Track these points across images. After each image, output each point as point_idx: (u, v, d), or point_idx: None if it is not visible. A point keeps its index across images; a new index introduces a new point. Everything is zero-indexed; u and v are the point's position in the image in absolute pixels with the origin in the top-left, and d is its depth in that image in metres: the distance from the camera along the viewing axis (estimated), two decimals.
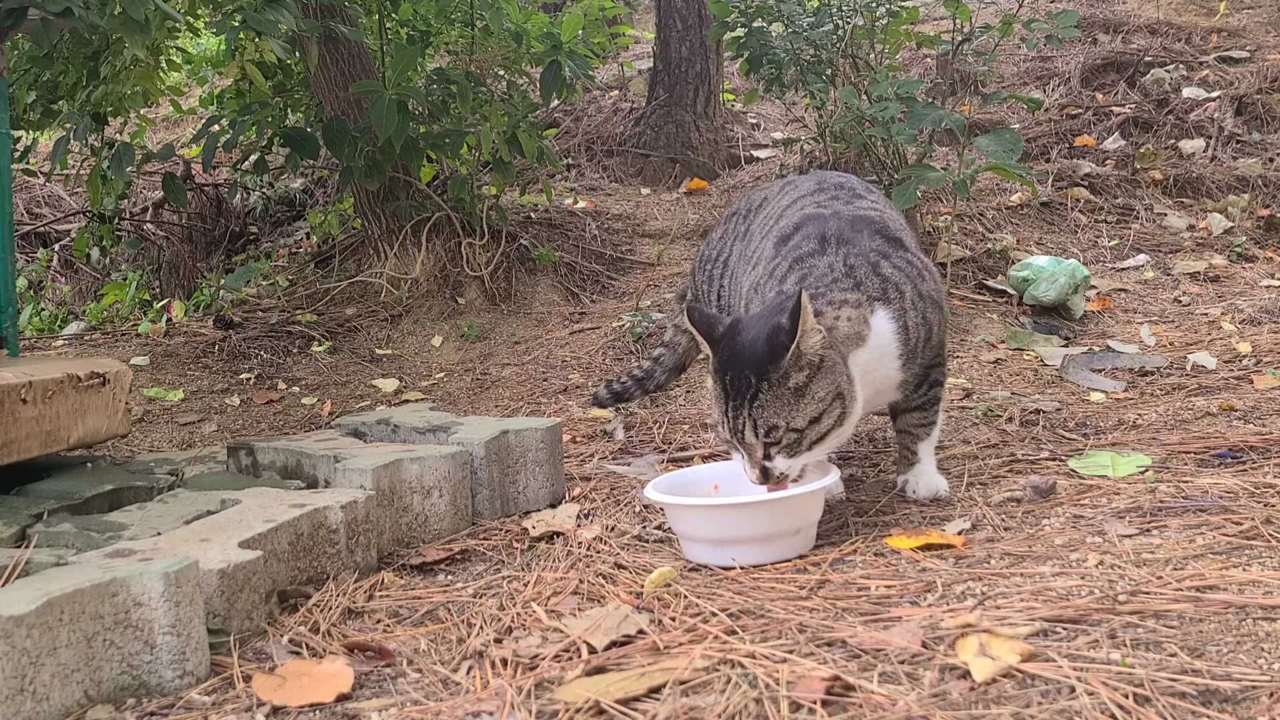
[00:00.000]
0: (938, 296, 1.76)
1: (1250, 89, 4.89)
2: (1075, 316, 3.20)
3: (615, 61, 6.08)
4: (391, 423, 2.09)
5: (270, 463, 1.97)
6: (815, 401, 1.54)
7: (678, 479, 1.76)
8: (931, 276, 1.77)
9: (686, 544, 1.62)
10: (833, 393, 1.56)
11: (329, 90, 3.42)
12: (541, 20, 3.53)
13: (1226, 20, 5.93)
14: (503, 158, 3.48)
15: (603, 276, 3.67)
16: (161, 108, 4.66)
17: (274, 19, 2.54)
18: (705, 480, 1.78)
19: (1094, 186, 4.18)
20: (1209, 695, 1.00)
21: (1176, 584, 1.28)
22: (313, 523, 1.56)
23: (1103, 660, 1.08)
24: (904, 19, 3.49)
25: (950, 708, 1.01)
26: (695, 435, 2.38)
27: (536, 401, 2.80)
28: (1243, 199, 4.09)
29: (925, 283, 1.73)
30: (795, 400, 1.54)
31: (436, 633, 1.40)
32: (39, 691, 1.15)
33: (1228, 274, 3.54)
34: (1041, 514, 1.65)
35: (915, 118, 3.03)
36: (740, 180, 4.54)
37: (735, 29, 3.60)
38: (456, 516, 1.85)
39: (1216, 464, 1.84)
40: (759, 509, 1.56)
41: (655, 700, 1.10)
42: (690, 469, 1.86)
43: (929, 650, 1.14)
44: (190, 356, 3.23)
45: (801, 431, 1.55)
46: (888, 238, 1.75)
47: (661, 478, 1.74)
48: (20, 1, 1.98)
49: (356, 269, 3.75)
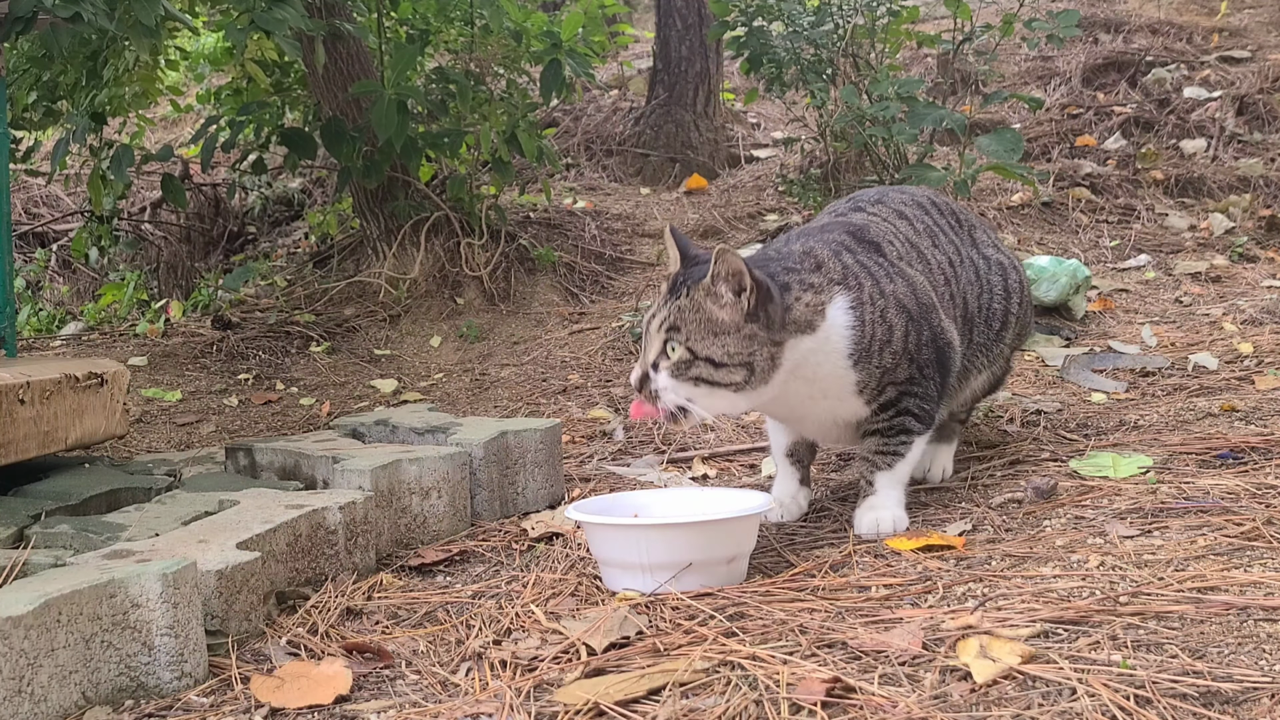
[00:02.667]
0: (910, 305, 1.66)
1: (1251, 89, 4.89)
2: (1076, 317, 3.20)
3: (615, 61, 6.08)
4: (390, 423, 2.09)
5: (269, 463, 1.96)
6: (723, 348, 1.54)
7: (600, 504, 1.66)
8: (911, 286, 1.68)
9: (606, 570, 1.53)
10: (743, 357, 1.54)
11: (327, 90, 3.41)
12: (541, 19, 3.53)
13: (1228, 20, 5.93)
14: (502, 157, 3.47)
15: (602, 276, 3.66)
16: (160, 107, 4.66)
17: (281, 17, 2.53)
18: (626, 507, 1.66)
19: (1095, 186, 4.17)
20: (1210, 697, 0.99)
21: (1178, 585, 1.27)
22: (311, 524, 1.55)
23: (1104, 661, 1.08)
24: (904, 18, 3.49)
25: (951, 709, 1.01)
26: (695, 436, 2.38)
27: (535, 402, 2.80)
28: (1244, 199, 4.08)
29: (894, 284, 1.66)
30: (708, 329, 1.54)
31: (435, 634, 1.39)
32: (37, 693, 1.15)
33: (1229, 274, 3.54)
34: (1042, 515, 1.64)
35: (916, 117, 3.02)
36: (740, 180, 4.54)
37: (735, 28, 3.59)
38: (455, 517, 1.84)
39: (1218, 465, 1.84)
40: (686, 531, 1.47)
41: (655, 702, 1.09)
42: (613, 495, 1.76)
43: (930, 652, 1.14)
44: (188, 357, 3.23)
45: (695, 359, 1.54)
46: (861, 240, 1.72)
47: (584, 501, 1.66)
48: (32, 7, 1.98)
49: (355, 269, 3.75)
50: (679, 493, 1.72)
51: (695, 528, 1.48)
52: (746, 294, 1.54)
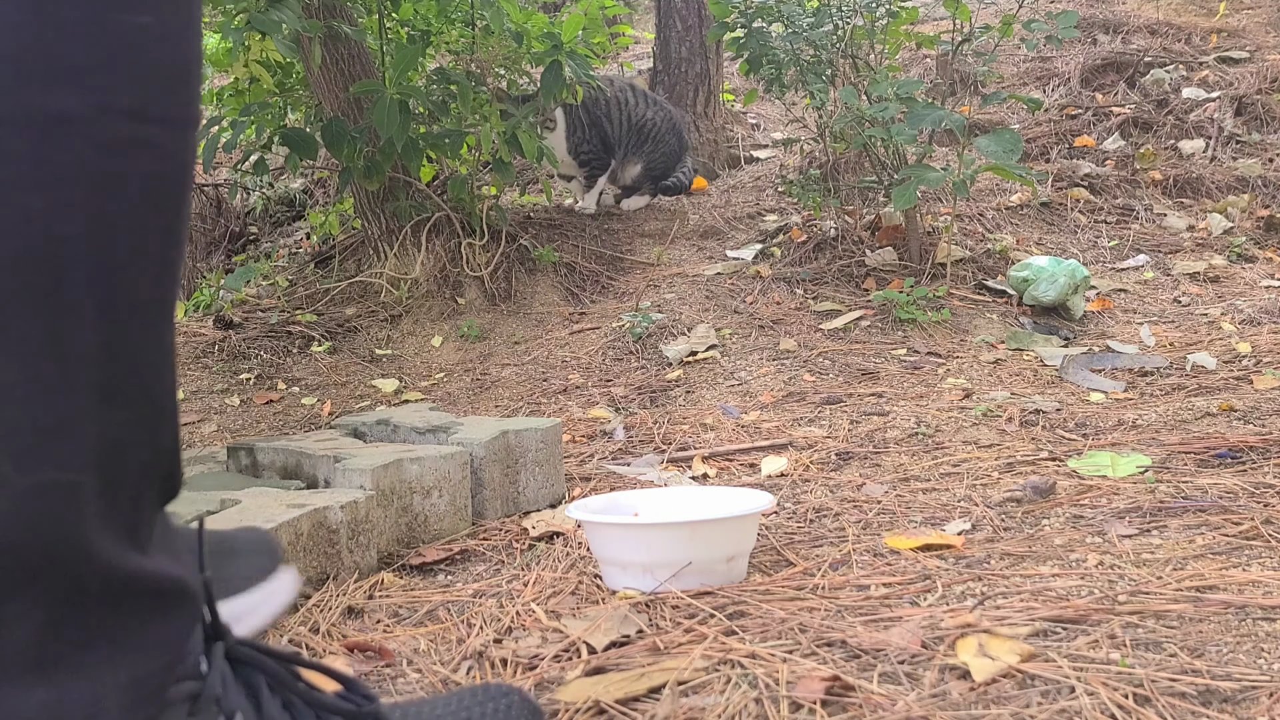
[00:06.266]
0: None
1: (1250, 89, 4.90)
2: (1075, 317, 3.20)
3: (615, 62, 6.08)
4: (391, 423, 2.09)
5: (270, 463, 1.97)
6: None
7: (600, 503, 1.65)
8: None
9: (607, 569, 1.52)
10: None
11: (328, 90, 3.41)
12: (542, 20, 3.53)
13: (1226, 20, 5.93)
14: (503, 158, 3.48)
15: (603, 276, 3.67)
16: None
17: (277, 18, 2.53)
18: (626, 506, 1.65)
19: (1094, 187, 4.18)
20: (1209, 695, 1.00)
21: (1176, 584, 1.28)
22: (313, 523, 1.56)
23: (1103, 660, 1.08)
24: (904, 19, 3.49)
25: (950, 708, 1.01)
26: (695, 435, 2.38)
27: (536, 402, 2.80)
28: (1242, 199, 4.09)
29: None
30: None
31: (436, 633, 1.40)
32: None
33: (1227, 274, 3.54)
34: (1041, 514, 1.65)
35: (915, 118, 3.03)
36: (740, 180, 4.54)
37: (735, 29, 3.60)
38: (456, 516, 1.85)
39: (1216, 464, 1.84)
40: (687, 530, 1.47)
41: (655, 700, 1.10)
42: (613, 494, 1.74)
43: (929, 650, 1.14)
44: (190, 357, 3.23)
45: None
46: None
47: (585, 500, 1.65)
48: None
49: (356, 269, 3.75)
50: (679, 492, 1.73)
51: (695, 527, 1.49)
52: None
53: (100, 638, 0.61)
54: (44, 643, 0.60)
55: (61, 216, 0.53)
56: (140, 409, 0.62)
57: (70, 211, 0.53)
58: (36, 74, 0.50)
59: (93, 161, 0.53)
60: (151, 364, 0.62)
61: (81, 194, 0.53)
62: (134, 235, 0.57)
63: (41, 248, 0.53)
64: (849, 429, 2.33)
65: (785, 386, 2.74)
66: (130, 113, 0.54)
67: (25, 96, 0.50)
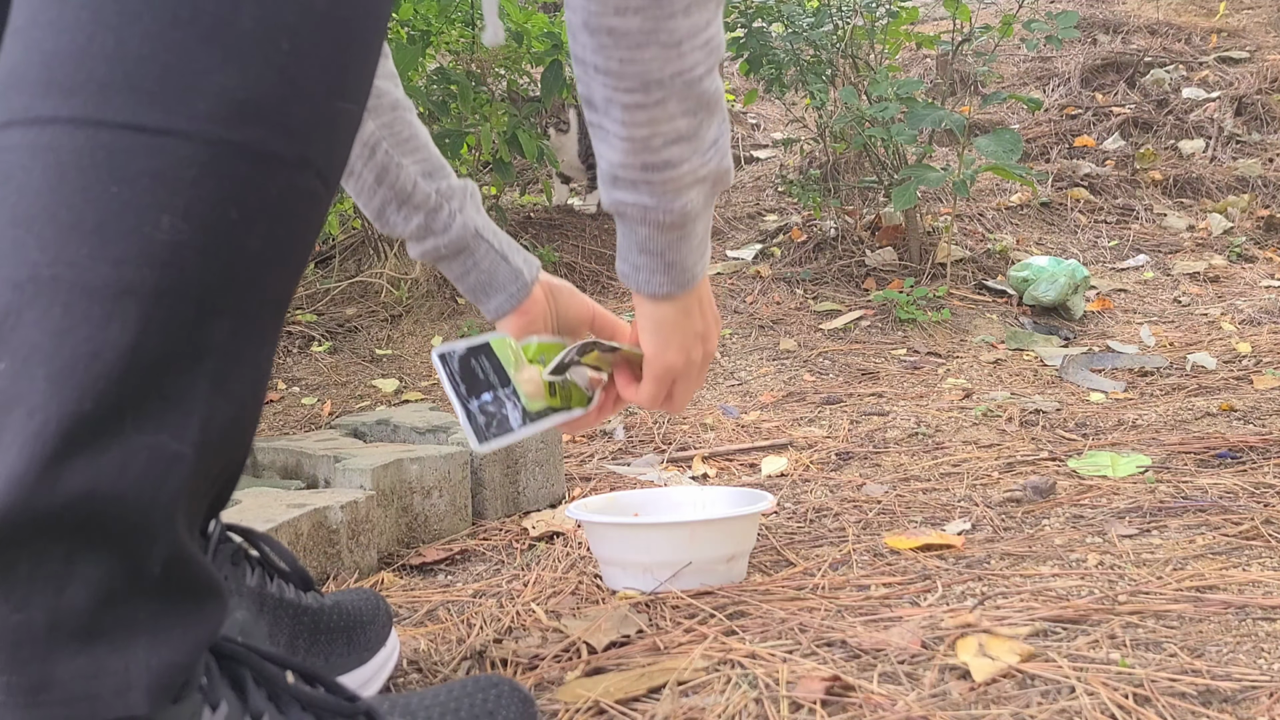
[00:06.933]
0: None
1: (1250, 89, 4.90)
2: (1075, 317, 3.20)
3: None
4: (391, 423, 2.09)
5: (270, 462, 1.97)
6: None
7: (600, 502, 1.65)
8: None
9: (607, 569, 1.51)
10: None
11: None
12: (542, 20, 3.53)
13: (1226, 20, 5.93)
14: (503, 158, 3.48)
15: (603, 276, 3.67)
16: None
17: None
18: (626, 506, 1.65)
19: (1094, 187, 4.18)
20: (1209, 695, 1.00)
21: (1176, 584, 1.28)
22: (313, 523, 1.56)
23: (1102, 660, 1.08)
24: (904, 19, 3.49)
25: (950, 707, 1.01)
26: (695, 435, 2.38)
27: None
28: (1242, 199, 4.09)
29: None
30: None
31: (436, 633, 1.40)
32: None
33: (1227, 274, 3.54)
34: (1041, 514, 1.65)
35: (915, 118, 3.03)
36: (740, 180, 4.54)
37: (734, 29, 3.60)
38: (456, 516, 1.85)
39: (1216, 464, 1.84)
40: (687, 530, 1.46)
41: (655, 700, 1.10)
42: (613, 493, 1.73)
43: (929, 650, 1.14)
44: None
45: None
46: None
47: (585, 500, 1.65)
48: None
49: (356, 269, 3.75)
50: (679, 491, 1.73)
51: (695, 527, 1.49)
52: None
53: (146, 620, 0.66)
54: (98, 612, 0.64)
55: (249, 230, 0.65)
56: (238, 409, 0.69)
57: (256, 228, 0.66)
58: (268, 120, 0.65)
59: (282, 195, 0.67)
60: (259, 366, 0.71)
61: (267, 216, 0.66)
62: (288, 255, 0.70)
63: (227, 249, 0.66)
64: (849, 429, 2.34)
65: (785, 386, 2.74)
66: (316, 170, 0.68)
67: (255, 134, 0.64)
